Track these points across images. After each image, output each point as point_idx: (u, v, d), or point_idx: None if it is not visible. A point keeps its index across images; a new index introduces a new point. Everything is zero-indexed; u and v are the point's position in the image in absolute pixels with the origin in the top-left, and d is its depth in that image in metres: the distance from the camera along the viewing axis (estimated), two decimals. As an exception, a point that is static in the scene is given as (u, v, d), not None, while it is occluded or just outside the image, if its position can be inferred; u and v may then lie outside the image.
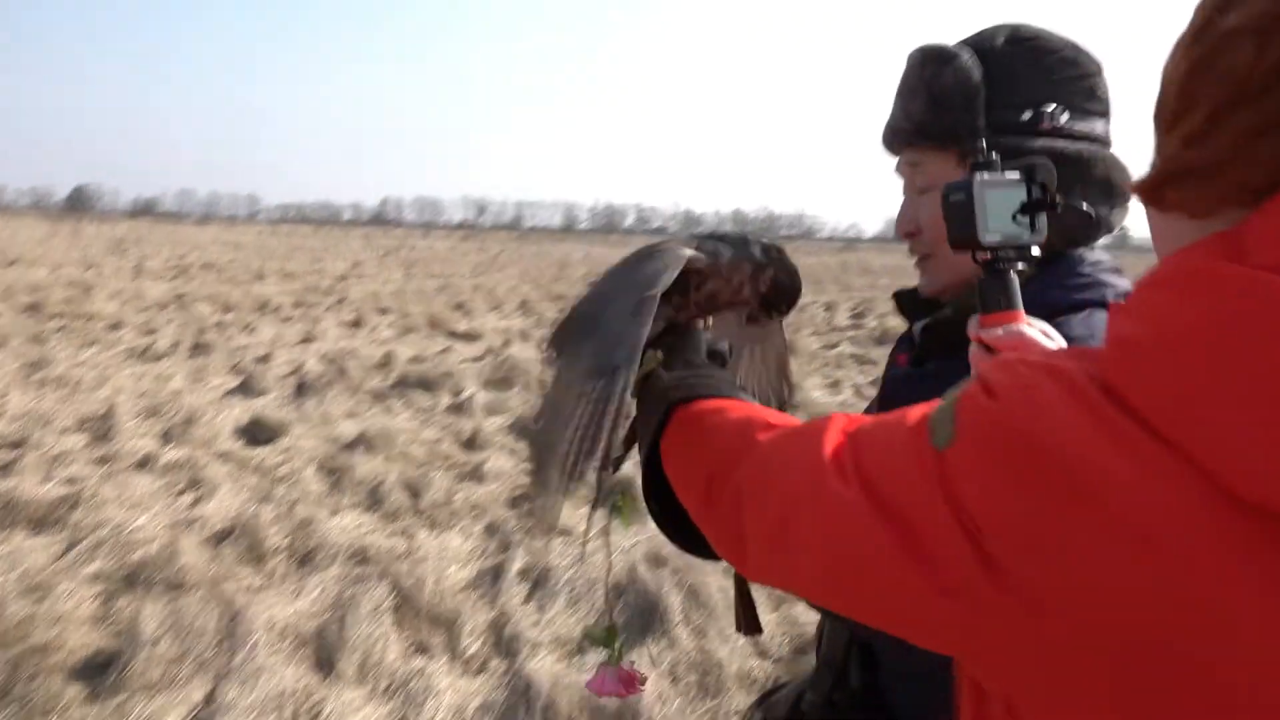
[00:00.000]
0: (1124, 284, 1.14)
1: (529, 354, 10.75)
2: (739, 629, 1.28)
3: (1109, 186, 1.15)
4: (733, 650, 3.63)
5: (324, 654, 3.47)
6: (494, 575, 4.23)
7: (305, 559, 4.40)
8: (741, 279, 1.17)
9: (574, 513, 5.23)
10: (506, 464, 6.08)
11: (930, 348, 1.22)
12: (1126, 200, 1.17)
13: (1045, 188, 0.94)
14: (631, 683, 1.21)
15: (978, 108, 1.14)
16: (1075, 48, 1.18)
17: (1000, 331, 0.90)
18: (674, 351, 1.20)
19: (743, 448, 0.86)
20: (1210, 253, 0.57)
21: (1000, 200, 0.92)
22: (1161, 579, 0.52)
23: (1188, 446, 0.53)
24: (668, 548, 4.30)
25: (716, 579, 4.08)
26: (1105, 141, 1.18)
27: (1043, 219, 0.94)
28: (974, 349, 0.93)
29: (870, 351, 11.99)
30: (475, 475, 5.83)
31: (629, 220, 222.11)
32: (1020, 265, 0.93)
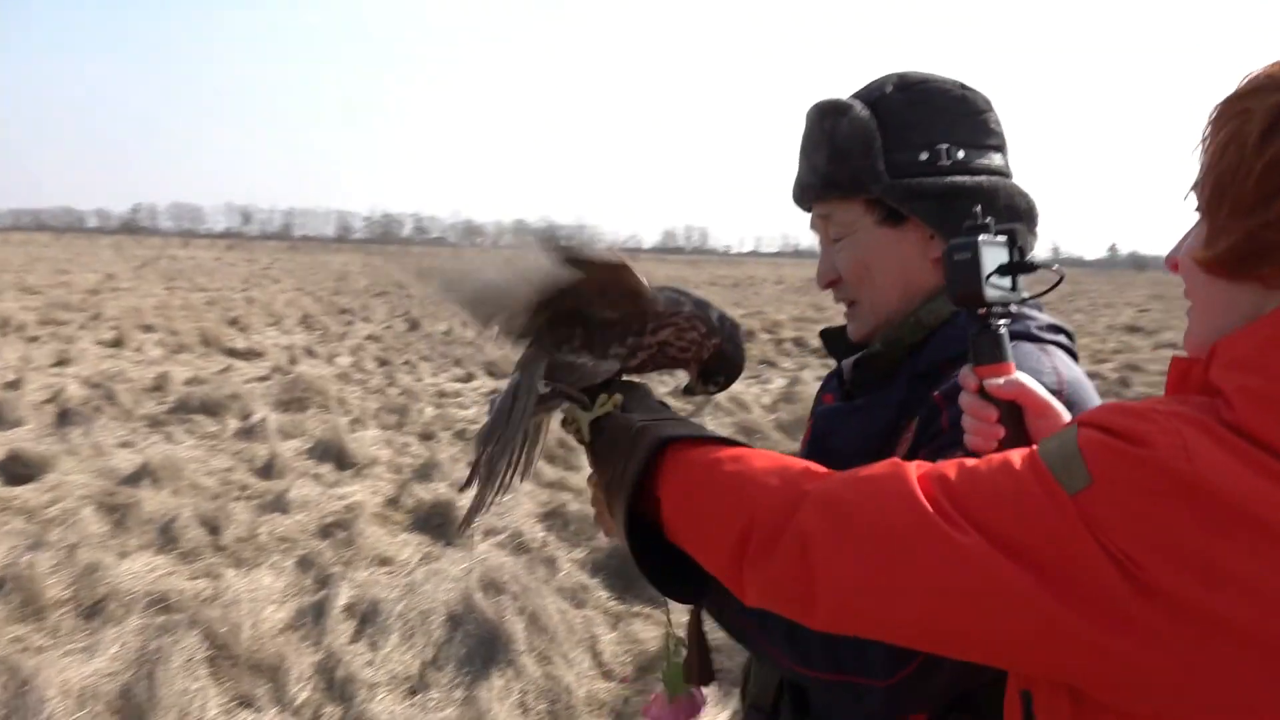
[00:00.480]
0: (1043, 317, 1.20)
1: (321, 371, 10.23)
2: (689, 680, 1.27)
3: (1014, 214, 1.22)
4: (579, 675, 3.58)
5: (133, 716, 3.11)
6: (315, 613, 3.96)
7: (94, 610, 3.95)
8: (697, 336, 1.17)
9: (394, 538, 5.02)
10: (311, 491, 5.73)
11: (860, 382, 1.26)
12: (1034, 225, 1.24)
13: (1023, 251, 1.01)
14: (694, 708, 1.25)
15: (876, 153, 1.20)
16: (962, 87, 1.25)
17: (1001, 381, 0.96)
18: (630, 398, 1.17)
19: (794, 496, 0.85)
20: None
21: (991, 260, 0.98)
22: None
23: None
24: (502, 573, 4.20)
25: (555, 602, 4.02)
26: (1004, 172, 1.24)
27: (1020, 279, 1.01)
28: (969, 397, 0.98)
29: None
30: (278, 505, 5.45)
31: (407, 229, 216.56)
32: (1005, 321, 0.99)
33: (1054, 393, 1.00)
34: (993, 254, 0.98)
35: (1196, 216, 0.83)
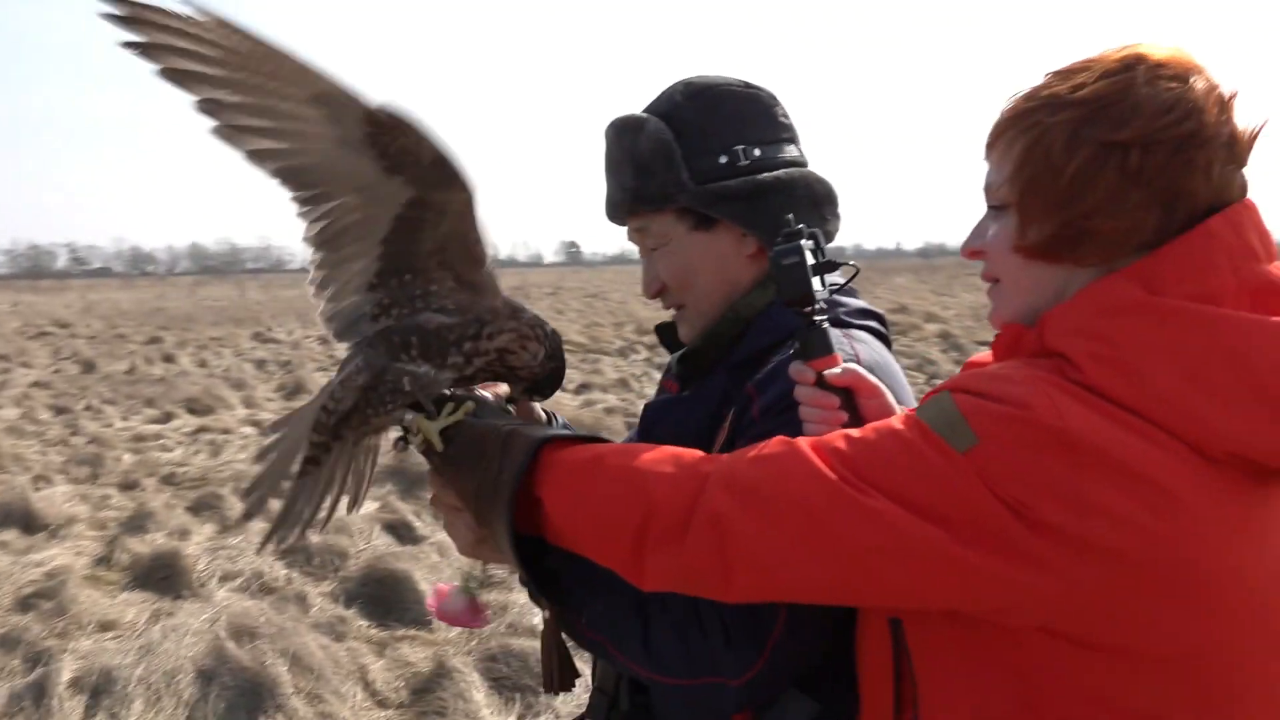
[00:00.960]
0: (854, 302, 1.28)
1: (-17, 428, 8.94)
2: (549, 688, 1.27)
3: (814, 200, 1.30)
4: (354, 708, 3.46)
5: None
6: (35, 695, 3.50)
7: None
8: (538, 345, 1.19)
9: (114, 600, 4.54)
10: (0, 562, 5.03)
11: (686, 376, 1.34)
12: (835, 208, 1.33)
13: (823, 252, 1.10)
14: (478, 613, 1.25)
15: (678, 165, 1.25)
16: (747, 85, 1.31)
17: (839, 370, 1.05)
18: (478, 406, 1.17)
19: (695, 480, 0.93)
20: (1131, 287, 0.87)
21: (809, 260, 1.06)
22: (1172, 518, 0.79)
23: (1170, 425, 0.81)
24: (252, 618, 3.94)
25: (315, 639, 3.84)
26: (800, 162, 1.32)
27: (830, 276, 1.10)
28: (807, 390, 1.06)
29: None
30: (-39, 583, 4.75)
31: (61, 261, 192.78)
32: (824, 316, 1.08)
33: None
34: (808, 256, 1.05)
35: (993, 212, 0.98)
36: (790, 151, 1.31)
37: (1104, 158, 0.87)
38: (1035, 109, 0.92)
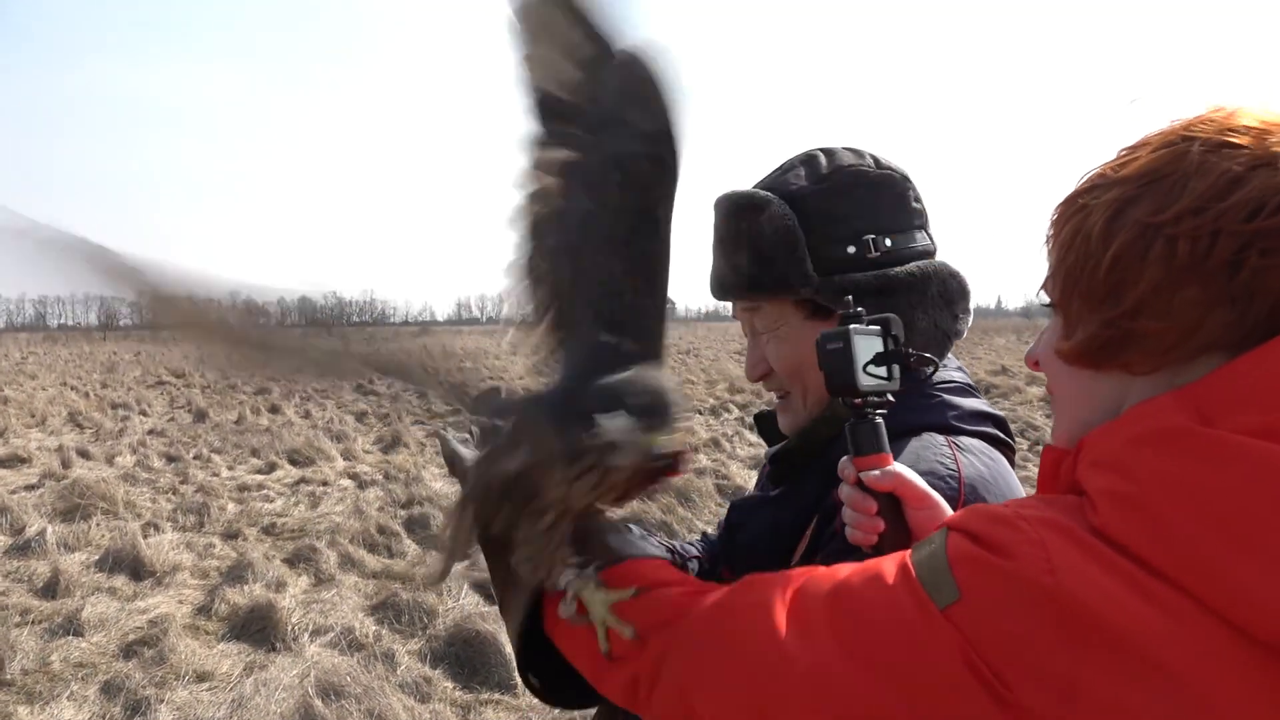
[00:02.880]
0: (970, 403, 1.16)
1: (101, 473, 9.37)
2: None
3: (947, 297, 1.19)
4: (436, 773, 3.43)
5: None
6: (132, 744, 3.60)
7: None
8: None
9: (211, 650, 4.65)
10: (107, 607, 5.22)
11: (779, 476, 1.24)
12: (967, 304, 1.22)
13: (897, 340, 1.01)
14: None
15: (802, 254, 1.15)
16: (879, 165, 1.20)
17: (878, 473, 0.95)
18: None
19: (665, 637, 0.86)
20: (1179, 411, 0.69)
21: (865, 350, 0.98)
22: (1188, 711, 0.61)
23: (1198, 592, 0.63)
24: (338, 675, 3.98)
25: (400, 700, 3.85)
26: (929, 252, 1.21)
27: (897, 368, 1.01)
28: (848, 490, 0.97)
29: (478, 437, 12.06)
30: (70, 628, 4.94)
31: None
32: (883, 411, 0.99)
33: (949, 489, 0.99)
34: (867, 343, 0.97)
35: (1050, 313, 0.83)
36: (922, 240, 1.21)
37: (1145, 243, 0.72)
38: (1085, 191, 0.79)
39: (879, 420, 0.97)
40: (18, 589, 5.75)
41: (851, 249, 1.16)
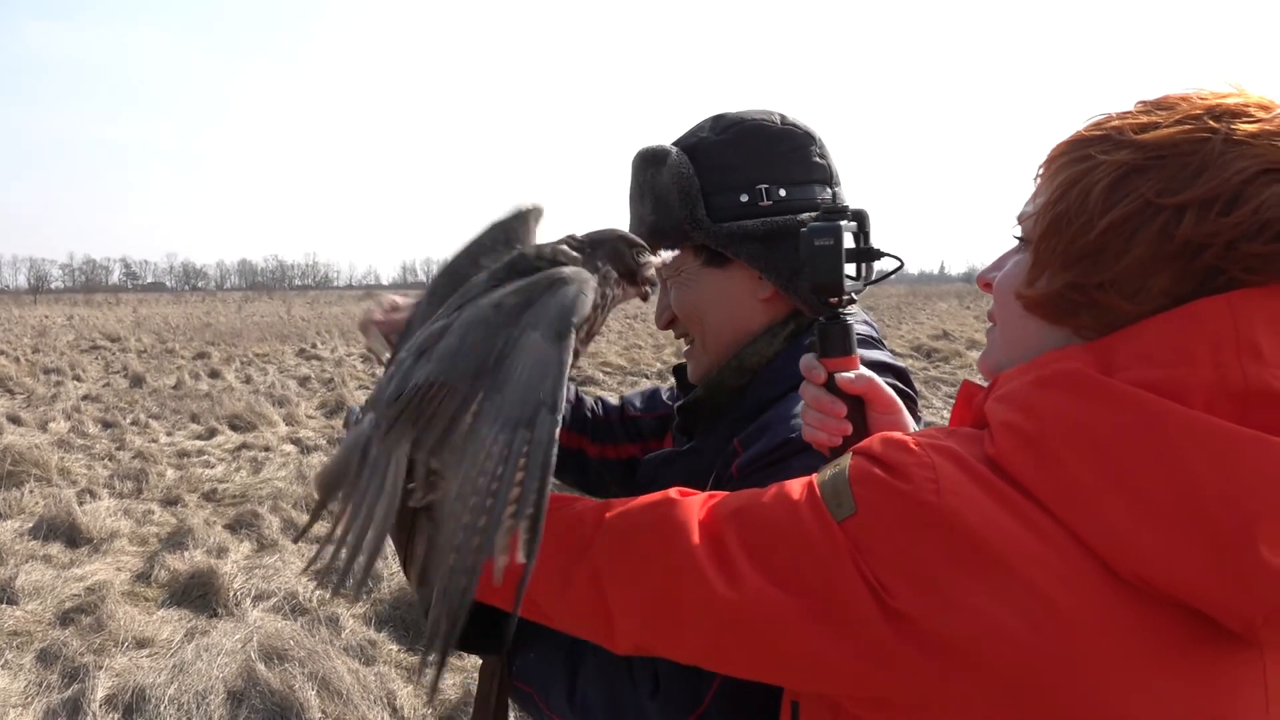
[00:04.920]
0: (873, 354, 1.16)
1: (33, 440, 9.13)
2: None
3: None
4: (380, 734, 3.46)
5: None
6: (70, 710, 3.57)
7: None
8: (611, 296, 1.02)
9: (151, 617, 4.60)
10: (43, 575, 5.12)
11: (687, 428, 1.27)
12: (876, 256, 1.16)
13: (868, 236, 1.00)
14: None
15: (695, 200, 1.19)
16: (783, 122, 1.23)
17: (852, 376, 0.95)
18: None
19: (594, 524, 0.87)
20: (1084, 361, 0.74)
21: (848, 244, 0.96)
22: (1050, 636, 0.67)
23: (1074, 525, 0.69)
24: (283, 639, 3.97)
25: (345, 663, 3.85)
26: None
27: (864, 268, 1.00)
28: (815, 390, 0.96)
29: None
30: (4, 596, 4.84)
31: (115, 276, 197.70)
32: (851, 312, 0.98)
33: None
34: (848, 239, 0.96)
35: (1018, 245, 0.84)
36: (823, 195, 1.23)
37: (1142, 220, 0.72)
38: (1095, 140, 0.77)
39: (850, 321, 0.97)
40: (-53, 557, 5.61)
41: (744, 197, 1.19)
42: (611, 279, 0.99)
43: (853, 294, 0.98)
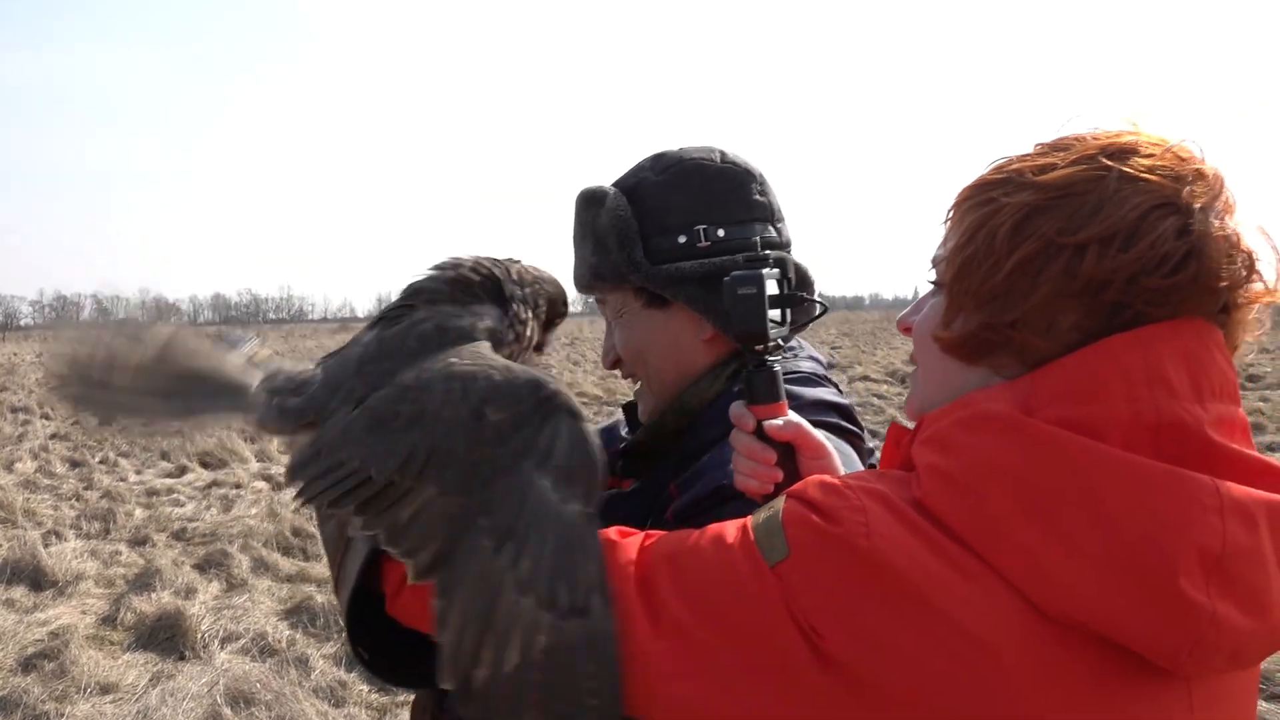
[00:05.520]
0: (813, 393, 1.16)
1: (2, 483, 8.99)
2: None
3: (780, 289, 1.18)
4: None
5: None
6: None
7: None
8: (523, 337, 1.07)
9: (116, 661, 4.51)
10: (4, 620, 5.02)
11: (631, 470, 1.25)
12: (800, 301, 1.17)
13: (791, 282, 1.01)
14: None
15: (633, 243, 1.19)
16: (722, 159, 1.22)
17: (780, 423, 0.96)
18: None
19: None
20: (1005, 402, 0.75)
21: (770, 291, 0.97)
22: (980, 675, 0.67)
23: (999, 565, 0.70)
24: (250, 682, 3.91)
25: (314, 705, 3.79)
26: (773, 244, 1.21)
27: (789, 313, 1.01)
28: (746, 438, 0.97)
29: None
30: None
31: (86, 312, 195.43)
32: (777, 358, 0.99)
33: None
34: (770, 286, 0.96)
35: (933, 288, 0.86)
36: (764, 233, 1.22)
37: (1046, 259, 0.75)
38: (997, 183, 0.79)
39: (777, 367, 0.98)
40: (-93, 605, 5.49)
41: (682, 238, 1.19)
42: (523, 320, 1.02)
43: (779, 340, 0.98)
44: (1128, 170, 0.74)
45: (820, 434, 0.98)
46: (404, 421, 0.86)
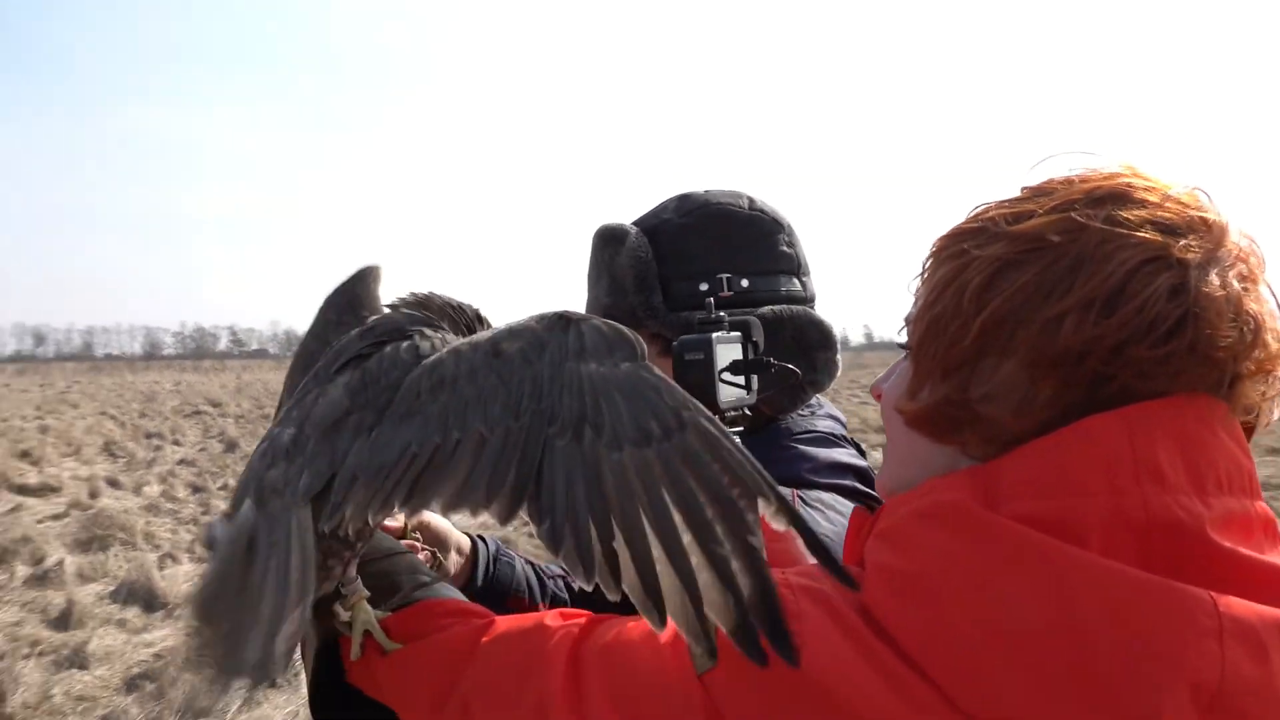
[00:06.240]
0: (828, 454, 1.09)
1: (125, 503, 9.48)
2: None
3: (804, 345, 1.13)
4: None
5: None
6: (120, 782, 3.59)
7: None
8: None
9: (209, 688, 4.63)
10: (115, 640, 5.24)
11: None
12: (830, 354, 1.14)
13: (757, 347, 0.94)
14: None
15: (652, 287, 1.13)
16: (750, 207, 1.16)
17: None
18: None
19: (464, 658, 0.79)
20: (967, 491, 0.64)
21: (724, 358, 0.91)
22: None
23: (951, 691, 0.58)
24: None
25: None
26: (797, 298, 1.15)
27: (755, 379, 0.94)
28: None
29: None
30: (76, 660, 4.95)
31: (222, 343, 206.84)
32: (739, 429, 0.92)
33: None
34: (726, 351, 0.91)
35: (905, 353, 0.76)
36: (788, 286, 1.15)
37: (1018, 323, 0.64)
38: (970, 233, 0.69)
39: (736, 439, 0.91)
40: (31, 619, 5.79)
41: (704, 286, 1.13)
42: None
43: (742, 408, 0.91)
44: (1116, 219, 0.64)
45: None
46: (427, 394, 0.82)
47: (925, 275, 0.73)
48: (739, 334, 0.93)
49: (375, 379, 0.91)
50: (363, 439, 0.87)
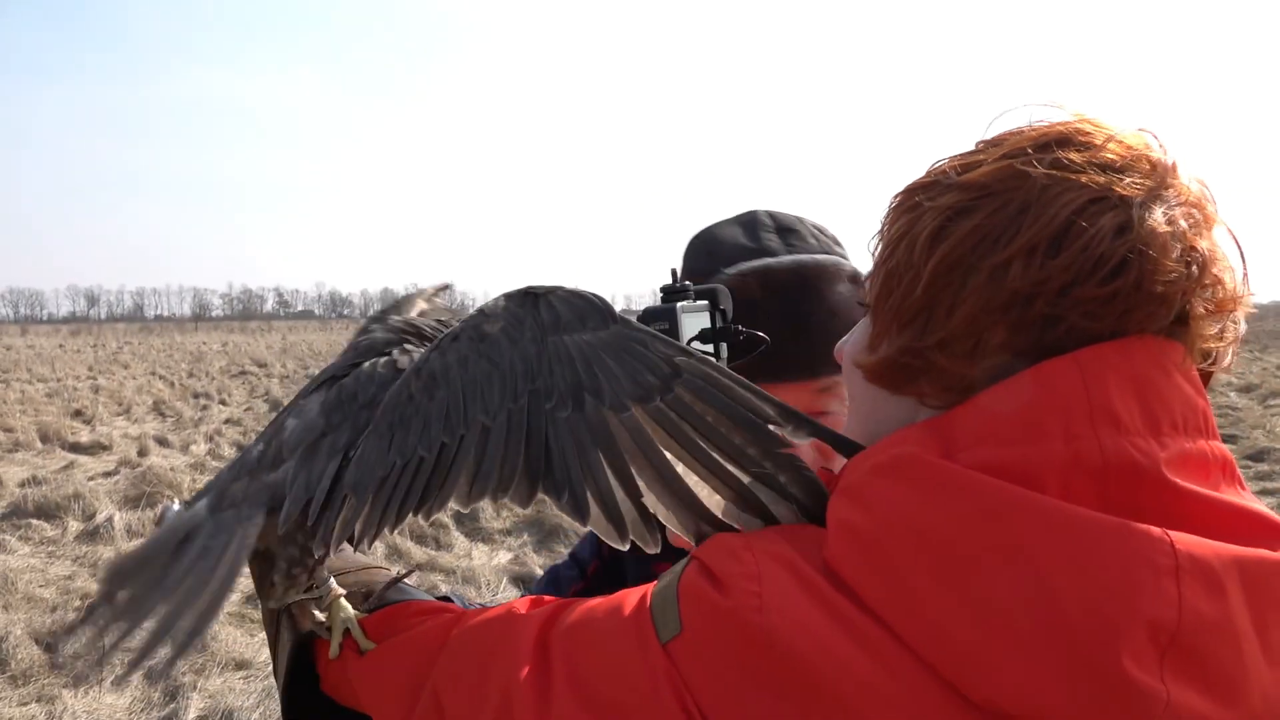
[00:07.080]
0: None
1: (173, 461, 9.70)
2: None
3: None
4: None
5: None
6: (165, 731, 3.70)
7: (-92, 751, 3.58)
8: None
9: (253, 639, 4.76)
10: (162, 594, 5.39)
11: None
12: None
13: (725, 314, 0.92)
14: None
15: None
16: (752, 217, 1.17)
17: None
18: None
19: (435, 649, 0.79)
20: (924, 443, 0.63)
21: (691, 328, 0.89)
22: None
23: (913, 642, 0.57)
24: None
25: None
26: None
27: (724, 348, 0.92)
28: None
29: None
30: (124, 613, 5.10)
31: (269, 304, 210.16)
32: None
33: None
34: (693, 320, 0.89)
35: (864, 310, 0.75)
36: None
37: (968, 270, 0.64)
38: (923, 186, 0.69)
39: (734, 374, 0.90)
40: (82, 573, 5.98)
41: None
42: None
43: None
44: (1061, 162, 0.63)
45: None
46: (421, 394, 0.81)
47: (881, 231, 0.73)
48: (705, 302, 0.91)
49: (352, 396, 0.90)
50: (338, 458, 0.85)
